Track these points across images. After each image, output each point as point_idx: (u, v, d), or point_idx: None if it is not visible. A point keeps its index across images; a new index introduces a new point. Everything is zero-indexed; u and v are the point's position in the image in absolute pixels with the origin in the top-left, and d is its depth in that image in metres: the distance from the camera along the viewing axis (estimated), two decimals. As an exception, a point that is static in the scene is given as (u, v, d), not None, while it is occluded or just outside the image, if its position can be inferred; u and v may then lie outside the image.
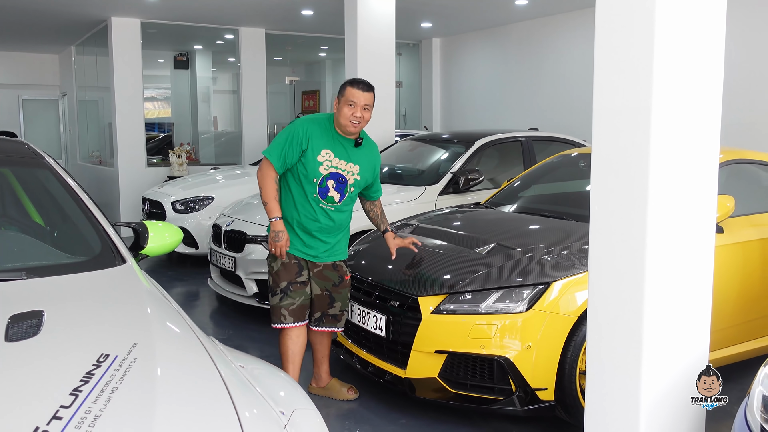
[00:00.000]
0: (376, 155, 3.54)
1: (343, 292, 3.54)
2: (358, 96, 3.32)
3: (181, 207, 6.96)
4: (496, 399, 3.19)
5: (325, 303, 3.50)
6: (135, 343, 1.73)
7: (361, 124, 3.34)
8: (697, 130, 2.43)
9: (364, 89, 3.34)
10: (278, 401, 1.75)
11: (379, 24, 6.87)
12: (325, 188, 3.35)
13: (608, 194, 2.49)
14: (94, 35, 10.16)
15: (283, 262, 3.40)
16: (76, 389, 1.50)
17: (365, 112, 3.33)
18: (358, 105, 3.31)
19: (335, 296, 3.51)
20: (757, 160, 4.23)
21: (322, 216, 3.38)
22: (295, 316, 3.41)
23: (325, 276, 3.48)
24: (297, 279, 3.41)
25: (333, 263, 3.48)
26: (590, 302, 2.64)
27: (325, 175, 3.34)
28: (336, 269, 3.50)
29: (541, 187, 4.94)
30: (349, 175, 3.39)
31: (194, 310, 5.88)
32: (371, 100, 3.36)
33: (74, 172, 12.95)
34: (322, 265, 3.46)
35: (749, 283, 3.76)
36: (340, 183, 3.37)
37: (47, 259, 2.43)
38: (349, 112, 3.31)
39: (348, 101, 3.32)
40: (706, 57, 2.42)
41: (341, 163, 3.36)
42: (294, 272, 3.41)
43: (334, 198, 3.37)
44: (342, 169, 3.37)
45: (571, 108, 8.87)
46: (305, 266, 3.44)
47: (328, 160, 3.33)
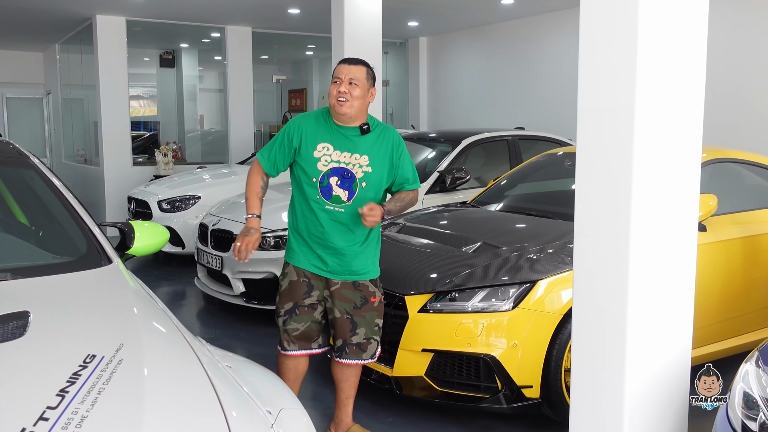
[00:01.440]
0: (392, 142, 2.97)
1: (368, 317, 2.98)
2: (342, 70, 2.87)
3: (168, 206, 6.93)
4: (482, 397, 3.22)
5: (347, 329, 2.98)
6: (121, 344, 1.73)
7: (349, 101, 2.83)
8: (680, 129, 2.47)
9: (350, 63, 2.90)
10: (265, 401, 1.76)
11: (366, 23, 6.86)
12: (327, 187, 2.87)
13: (592, 193, 2.52)
14: (79, 33, 10.09)
15: (291, 280, 2.98)
16: (62, 390, 1.50)
17: (353, 88, 2.84)
18: (343, 80, 2.84)
19: (357, 320, 2.97)
20: (740, 159, 4.28)
21: (328, 221, 2.90)
22: (300, 344, 3.00)
23: (343, 296, 2.96)
24: (304, 301, 2.96)
25: (354, 282, 2.96)
26: (575, 300, 2.67)
27: (325, 172, 2.87)
28: (358, 288, 2.97)
29: (527, 185, 4.97)
30: (356, 168, 2.88)
31: (181, 309, 5.86)
32: (361, 73, 2.87)
33: (59, 171, 12.85)
34: (340, 283, 2.95)
35: (731, 281, 3.80)
36: (346, 179, 2.87)
37: (33, 259, 2.42)
38: (334, 90, 2.86)
39: (333, 78, 2.90)
40: (688, 56, 2.45)
41: (344, 156, 2.89)
42: (302, 293, 2.96)
43: (341, 197, 2.88)
44: (346, 163, 2.88)
45: (557, 107, 8.92)
46: (318, 286, 2.98)
47: (326, 154, 2.89)
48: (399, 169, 3.00)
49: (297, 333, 2.98)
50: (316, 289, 2.98)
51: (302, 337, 3.00)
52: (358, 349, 3.01)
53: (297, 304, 2.97)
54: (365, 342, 3.01)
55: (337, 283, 2.96)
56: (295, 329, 2.98)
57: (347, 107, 2.84)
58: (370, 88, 2.92)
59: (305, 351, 3.03)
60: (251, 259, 5.01)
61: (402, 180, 3.03)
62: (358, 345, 3.00)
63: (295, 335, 2.98)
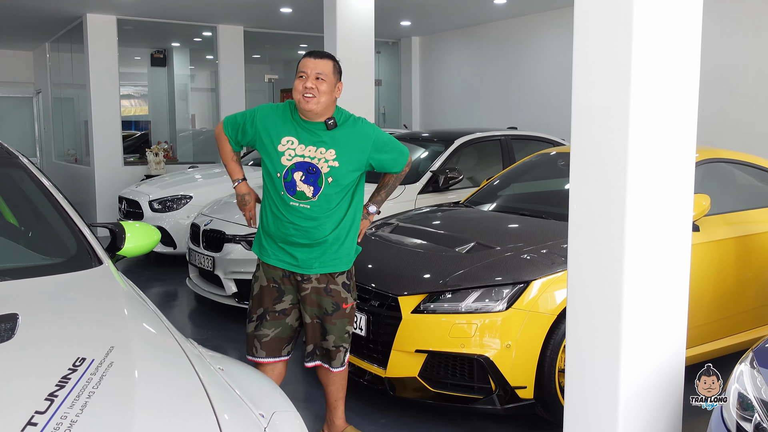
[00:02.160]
0: (363, 133, 2.85)
1: (339, 324, 2.90)
2: (308, 64, 2.74)
3: (159, 206, 6.89)
4: (476, 398, 3.20)
5: (318, 334, 2.92)
6: (112, 347, 1.71)
7: (315, 97, 2.70)
8: (674, 128, 2.46)
9: (316, 57, 2.78)
10: (258, 404, 1.74)
11: (359, 22, 6.84)
12: (291, 182, 2.77)
13: (587, 193, 2.51)
14: (69, 32, 10.02)
15: (261, 285, 2.91)
16: (51, 394, 1.48)
17: (319, 83, 2.71)
18: (310, 75, 2.71)
19: (328, 327, 2.90)
20: (732, 159, 4.29)
21: (296, 217, 2.80)
22: (269, 350, 2.90)
23: (314, 301, 2.88)
24: (275, 306, 2.89)
25: (326, 287, 2.87)
26: (569, 300, 2.66)
27: (289, 167, 2.77)
28: (330, 294, 2.87)
29: (520, 185, 4.97)
30: (322, 162, 2.76)
31: (173, 310, 5.82)
32: (328, 67, 2.76)
33: (50, 170, 12.77)
34: (311, 288, 2.86)
35: (724, 281, 3.81)
36: (311, 174, 2.76)
37: (22, 260, 2.39)
38: (300, 85, 2.72)
39: (299, 73, 2.76)
40: (683, 55, 2.44)
41: (309, 150, 2.77)
42: (273, 297, 2.89)
43: (305, 193, 2.77)
44: (311, 157, 2.76)
45: (549, 106, 8.93)
46: (289, 290, 2.90)
47: (290, 148, 2.78)
48: (383, 155, 2.90)
49: (267, 339, 2.90)
50: (287, 293, 2.91)
51: (272, 344, 2.91)
52: (327, 355, 2.96)
53: (267, 309, 2.90)
54: (334, 350, 2.94)
55: (307, 288, 2.87)
56: (265, 335, 2.90)
57: (314, 103, 2.72)
58: (337, 83, 2.80)
59: (272, 359, 2.93)
60: (243, 259, 5.03)
61: (392, 163, 2.96)
62: (327, 351, 2.95)
63: (265, 341, 2.90)
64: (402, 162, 3.00)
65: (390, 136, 2.98)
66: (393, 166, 2.99)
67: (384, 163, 2.94)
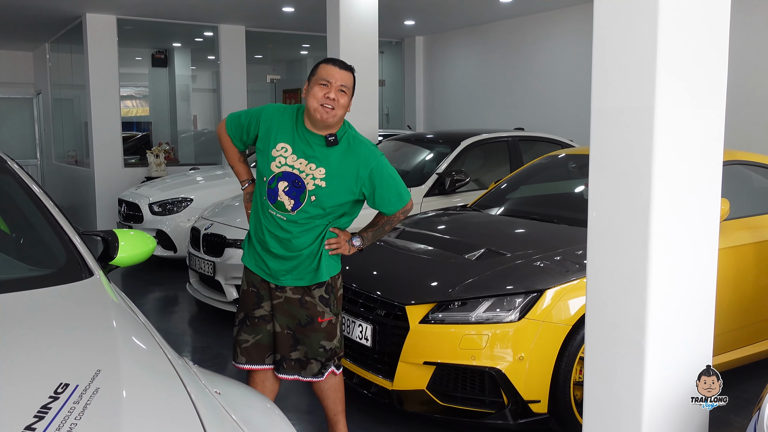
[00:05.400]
0: (362, 158, 2.67)
1: (313, 338, 2.74)
2: (333, 73, 2.58)
3: (159, 209, 6.77)
4: (487, 412, 3.07)
5: (287, 344, 2.76)
6: (98, 370, 1.57)
7: (335, 110, 2.56)
8: (701, 130, 2.32)
9: (341, 67, 2.62)
10: (257, 431, 1.60)
11: (362, 21, 6.72)
12: (274, 190, 2.63)
13: (608, 198, 2.37)
14: (69, 32, 9.90)
15: (243, 289, 2.82)
16: (28, 427, 1.34)
17: (341, 95, 2.57)
18: (333, 85, 2.56)
19: (300, 338, 2.75)
20: (750, 161, 4.15)
21: (272, 226, 2.68)
22: (249, 357, 2.78)
23: (288, 312, 2.74)
24: (254, 312, 2.77)
25: (301, 299, 2.72)
26: (588, 313, 2.51)
27: (276, 174, 2.63)
28: (304, 306, 2.73)
29: (530, 188, 4.82)
30: (309, 178, 2.61)
31: (172, 316, 5.69)
32: (350, 81, 2.63)
33: (49, 172, 12.66)
34: (284, 298, 2.73)
35: (743, 288, 3.67)
36: (295, 187, 2.61)
37: (7, 272, 2.25)
38: (320, 93, 2.56)
39: (320, 80, 2.59)
40: (710, 52, 2.30)
41: (299, 162, 2.62)
42: (251, 303, 2.78)
43: (284, 204, 2.62)
44: (299, 170, 2.62)
45: (556, 107, 8.79)
46: (267, 297, 2.77)
47: (282, 156, 2.63)
48: (378, 190, 2.69)
49: (247, 345, 2.79)
50: (266, 300, 2.78)
51: (252, 350, 2.78)
52: (297, 365, 2.78)
53: (247, 314, 2.80)
54: (305, 360, 2.78)
55: (280, 297, 2.74)
56: (245, 341, 2.79)
57: (331, 116, 2.57)
58: (352, 97, 2.67)
59: (256, 366, 2.80)
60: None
61: (383, 202, 2.73)
62: (297, 361, 2.78)
63: (245, 347, 2.79)
64: (396, 205, 2.76)
65: (395, 175, 2.76)
66: (384, 205, 2.75)
67: (376, 198, 2.72)
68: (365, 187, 2.69)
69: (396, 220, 2.86)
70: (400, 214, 2.83)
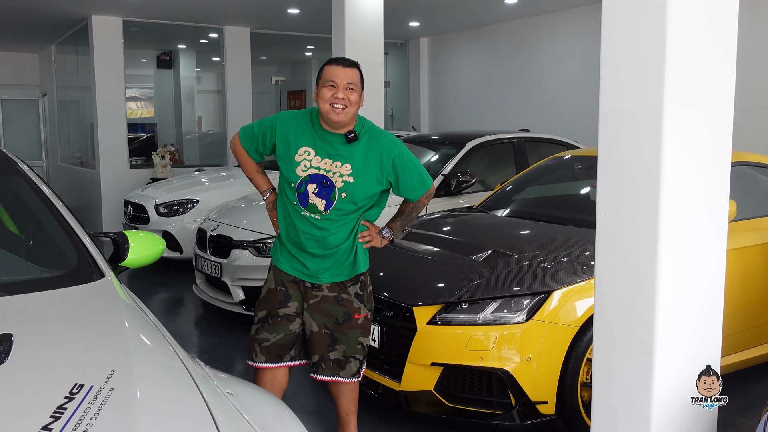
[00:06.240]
0: (384, 148, 2.73)
1: (350, 335, 2.78)
2: (338, 73, 2.63)
3: (165, 210, 6.78)
4: (494, 413, 3.07)
5: (325, 344, 2.78)
6: (112, 371, 1.58)
7: (347, 108, 2.61)
8: (709, 131, 2.32)
9: (345, 65, 2.66)
10: (270, 431, 1.61)
11: (367, 23, 6.73)
12: (304, 194, 2.69)
13: (616, 201, 2.37)
14: (75, 34, 9.93)
15: (269, 288, 2.82)
16: (45, 427, 1.35)
17: (350, 93, 2.62)
18: (340, 85, 2.61)
19: (338, 337, 2.78)
20: (757, 163, 4.15)
21: (307, 227, 2.73)
22: (268, 356, 2.78)
23: (324, 310, 2.77)
24: (279, 311, 2.78)
25: (337, 296, 2.78)
26: (596, 315, 2.52)
27: (303, 178, 2.68)
28: (341, 303, 2.78)
29: (536, 190, 4.83)
30: (336, 176, 2.67)
31: (179, 317, 5.71)
32: (357, 77, 2.67)
33: (55, 174, 12.69)
34: (321, 297, 2.77)
35: (750, 289, 3.66)
36: (324, 187, 2.68)
37: (19, 273, 2.27)
38: (328, 94, 2.61)
39: (327, 82, 2.64)
40: (718, 56, 2.30)
41: (324, 163, 2.68)
42: (277, 302, 2.78)
43: (317, 206, 2.69)
44: (325, 170, 2.68)
45: (561, 108, 8.78)
46: (296, 297, 2.80)
47: (306, 159, 2.69)
48: (401, 177, 2.76)
49: (267, 344, 2.78)
50: (294, 300, 2.79)
51: (272, 349, 2.78)
52: (335, 365, 2.79)
53: (270, 313, 2.79)
54: (344, 360, 2.80)
55: (317, 296, 2.77)
56: (265, 339, 2.78)
57: (344, 115, 2.62)
58: (362, 91, 2.72)
59: (272, 364, 2.79)
60: (251, 265, 4.91)
61: (408, 188, 2.80)
62: (336, 361, 2.79)
63: (265, 345, 2.78)
64: (420, 191, 2.84)
65: (416, 161, 2.84)
66: (409, 191, 2.83)
67: (400, 186, 2.80)
68: (390, 175, 2.76)
69: (421, 206, 2.93)
70: (425, 198, 2.91)
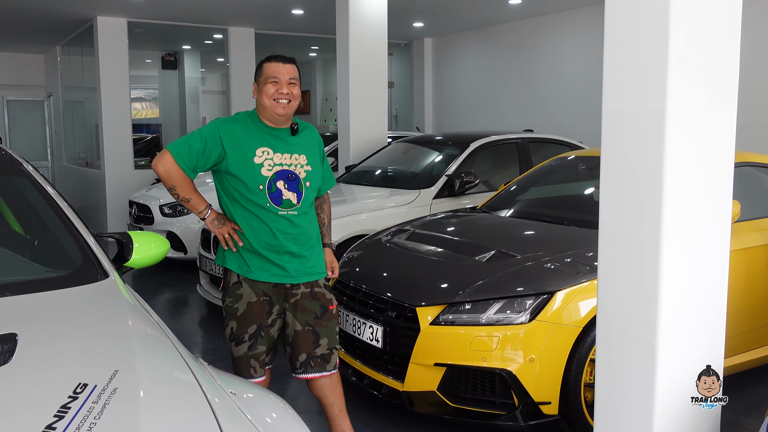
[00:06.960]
0: (316, 138, 2.90)
1: (330, 326, 2.84)
2: (279, 69, 2.71)
3: (170, 210, 6.80)
4: (498, 414, 3.07)
5: (310, 341, 2.80)
6: (116, 371, 1.59)
7: (291, 102, 2.70)
8: (712, 131, 2.32)
9: (285, 61, 2.74)
10: (272, 431, 1.62)
11: (371, 24, 6.74)
12: (276, 192, 2.70)
13: (619, 201, 2.37)
14: (80, 35, 9.97)
15: (249, 301, 2.74)
16: (49, 426, 1.36)
17: (292, 87, 2.71)
18: (282, 80, 2.69)
19: (320, 331, 2.81)
20: (761, 163, 4.14)
21: (285, 226, 2.73)
22: (264, 365, 2.82)
23: (304, 307, 2.80)
24: (267, 320, 2.76)
25: (311, 291, 2.81)
26: (600, 313, 2.52)
27: (271, 177, 2.69)
28: (315, 297, 2.82)
29: (539, 190, 4.82)
30: (299, 168, 2.75)
31: (183, 317, 5.73)
32: (296, 73, 2.76)
33: (60, 174, 12.74)
34: (300, 294, 2.80)
35: (755, 290, 3.65)
36: (291, 181, 2.72)
37: (24, 273, 2.28)
38: (272, 90, 2.68)
39: (269, 78, 2.70)
40: (721, 56, 2.30)
41: (285, 158, 2.73)
42: (264, 313, 2.75)
43: (291, 200, 2.72)
44: (287, 164, 2.73)
45: (565, 109, 8.78)
46: (278, 300, 2.79)
47: (268, 158, 2.70)
48: (325, 164, 2.95)
49: (265, 357, 2.79)
50: (276, 303, 2.79)
51: (268, 359, 2.82)
52: (322, 361, 2.83)
53: (261, 325, 2.76)
54: (328, 353, 2.84)
55: (296, 294, 2.80)
56: (262, 353, 2.77)
57: (289, 108, 2.71)
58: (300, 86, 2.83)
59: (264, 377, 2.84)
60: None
61: (327, 178, 2.98)
62: (323, 356, 2.82)
63: (262, 359, 2.78)
64: (329, 182, 3.02)
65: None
66: (327, 179, 2.98)
67: (324, 172, 2.94)
68: (323, 159, 2.95)
69: (329, 207, 3.08)
70: (328, 198, 3.08)
